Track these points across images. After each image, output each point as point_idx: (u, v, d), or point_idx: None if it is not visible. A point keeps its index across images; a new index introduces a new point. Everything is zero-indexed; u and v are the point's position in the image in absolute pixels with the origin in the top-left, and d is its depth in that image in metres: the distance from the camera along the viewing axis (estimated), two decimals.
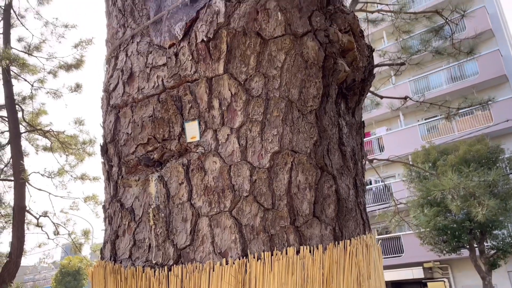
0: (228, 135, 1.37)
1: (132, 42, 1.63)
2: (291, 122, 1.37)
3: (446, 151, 15.14)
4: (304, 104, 1.41)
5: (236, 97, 1.39)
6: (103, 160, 1.65)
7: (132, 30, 1.65)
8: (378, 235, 19.83)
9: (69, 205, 10.15)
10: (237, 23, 1.40)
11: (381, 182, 19.02)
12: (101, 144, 1.65)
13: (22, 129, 9.26)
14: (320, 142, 1.40)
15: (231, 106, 1.39)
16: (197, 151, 1.38)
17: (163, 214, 1.36)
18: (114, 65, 1.67)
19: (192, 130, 1.42)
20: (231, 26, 1.40)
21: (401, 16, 6.39)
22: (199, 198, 1.33)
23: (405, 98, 7.66)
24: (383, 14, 6.88)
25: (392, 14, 6.65)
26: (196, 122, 1.41)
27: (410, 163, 13.69)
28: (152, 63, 1.53)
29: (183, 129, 1.43)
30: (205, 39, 1.41)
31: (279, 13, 1.40)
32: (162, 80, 1.49)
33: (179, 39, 1.48)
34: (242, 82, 1.39)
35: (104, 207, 1.65)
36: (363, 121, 1.79)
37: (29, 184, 8.45)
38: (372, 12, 6.85)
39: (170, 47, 1.51)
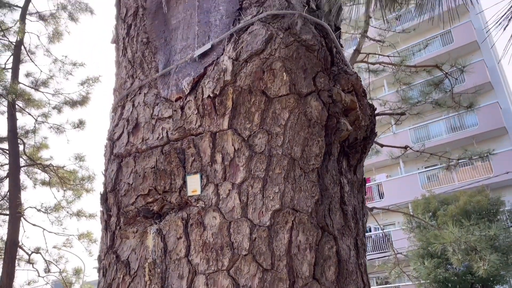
0: (229, 190, 1.36)
1: (140, 93, 1.66)
2: (293, 180, 1.37)
3: (447, 201, 15.03)
4: (306, 162, 1.41)
5: (239, 153, 1.40)
6: (102, 209, 1.63)
7: (140, 81, 1.69)
8: (378, 285, 19.29)
9: (62, 242, 9.94)
10: (243, 81, 1.43)
11: (381, 230, 18.73)
12: (101, 193, 1.65)
13: (22, 162, 9.26)
14: (322, 201, 1.39)
15: (233, 161, 1.39)
16: (198, 205, 1.38)
17: (159, 270, 1.33)
18: (120, 114, 1.70)
19: (194, 184, 1.42)
20: (237, 84, 1.43)
21: (401, 68, 6.55)
22: (197, 254, 1.31)
23: (406, 147, 7.71)
24: (384, 66, 7.07)
25: (393, 66, 6.83)
26: (198, 176, 1.41)
27: (411, 211, 13.55)
28: (158, 115, 1.55)
29: (184, 182, 1.43)
30: (211, 95, 1.44)
31: (284, 73, 1.44)
32: (167, 132, 1.50)
33: (186, 93, 1.51)
34: (246, 138, 1.41)
35: (99, 257, 1.62)
36: (365, 178, 1.80)
37: (24, 219, 8.34)
38: (374, 64, 7.04)
39: (176, 100, 1.54)
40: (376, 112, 1.82)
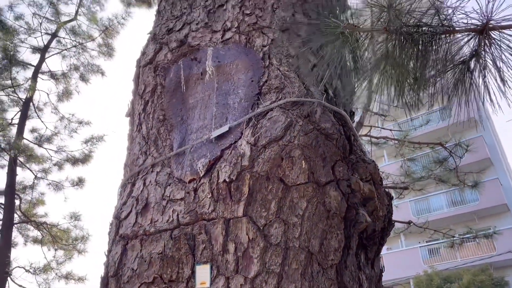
0: (241, 285, 1.27)
1: (152, 171, 1.62)
2: (310, 276, 1.28)
3: (450, 278, 14.49)
4: (324, 257, 1.33)
5: (253, 243, 1.32)
6: None
7: (154, 159, 1.65)
8: None
9: None
10: (261, 167, 1.39)
11: None
12: (102, 276, 1.54)
13: (16, 218, 9.03)
14: None
15: (247, 252, 1.31)
16: None
17: None
18: (130, 192, 1.64)
19: (203, 275, 1.32)
20: (254, 169, 1.39)
21: (405, 144, 6.62)
22: None
23: (409, 222, 7.54)
24: (387, 140, 7.14)
25: (397, 141, 6.89)
26: (208, 266, 1.33)
27: None
28: (169, 196, 1.50)
29: (193, 272, 1.34)
30: (227, 179, 1.40)
31: (303, 161, 1.41)
32: (178, 215, 1.44)
33: (201, 175, 1.47)
34: (261, 227, 1.34)
35: None
36: (382, 270, 1.70)
37: (11, 279, 7.95)
38: (377, 138, 7.11)
39: (190, 182, 1.49)
40: None
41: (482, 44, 1.13)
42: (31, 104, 10.25)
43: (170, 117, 1.75)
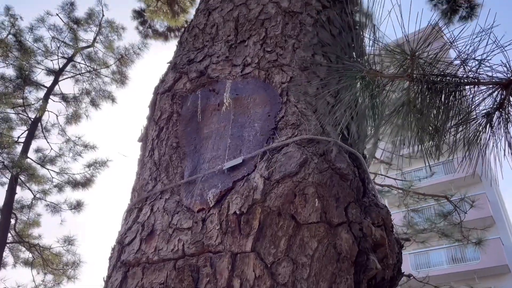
0: None
1: (161, 198, 1.59)
2: None
3: None
4: None
5: (260, 281, 1.27)
6: None
7: (163, 185, 1.63)
8: None
9: None
10: (273, 202, 1.37)
11: None
12: None
13: (9, 237, 8.87)
14: None
15: None
16: None
17: None
18: (136, 217, 1.61)
19: None
20: (266, 204, 1.37)
21: (409, 194, 6.58)
22: None
23: (409, 276, 7.35)
24: (391, 189, 7.10)
25: (401, 191, 6.85)
26: None
27: None
28: (176, 224, 1.46)
29: None
30: (237, 212, 1.37)
31: (316, 199, 1.38)
32: (183, 245, 1.40)
33: (210, 205, 1.44)
34: (269, 265, 1.30)
35: None
36: None
37: None
38: (381, 186, 7.07)
39: (199, 211, 1.46)
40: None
41: (508, 97, 1.13)
42: (39, 124, 10.34)
43: (183, 145, 1.74)
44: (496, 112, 1.17)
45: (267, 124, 1.65)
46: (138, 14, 10.16)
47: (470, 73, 1.18)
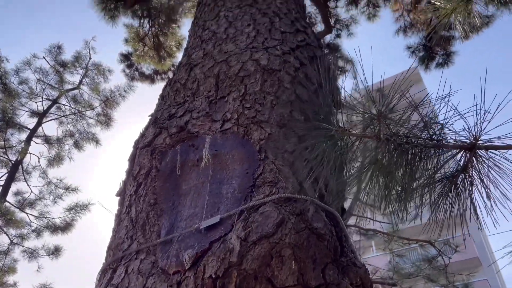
0: None
1: (136, 258, 1.56)
2: None
3: None
4: None
5: None
6: None
7: (139, 245, 1.60)
8: None
9: None
10: (249, 265, 1.35)
11: None
12: None
13: None
14: None
15: None
16: None
17: None
18: (110, 279, 1.56)
19: None
20: (242, 267, 1.35)
21: (394, 238, 6.57)
22: None
23: None
24: (376, 233, 7.07)
25: (386, 236, 6.83)
26: None
27: None
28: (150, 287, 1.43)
29: None
30: (213, 275, 1.35)
31: (293, 261, 1.37)
32: None
33: (186, 268, 1.42)
34: None
35: None
36: None
37: None
38: (366, 230, 7.05)
39: (174, 273, 1.43)
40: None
41: (471, 161, 1.17)
42: (20, 166, 10.16)
43: (161, 201, 1.73)
44: (461, 175, 1.21)
45: (245, 181, 1.65)
46: (125, 58, 10.31)
47: (434, 136, 1.22)
